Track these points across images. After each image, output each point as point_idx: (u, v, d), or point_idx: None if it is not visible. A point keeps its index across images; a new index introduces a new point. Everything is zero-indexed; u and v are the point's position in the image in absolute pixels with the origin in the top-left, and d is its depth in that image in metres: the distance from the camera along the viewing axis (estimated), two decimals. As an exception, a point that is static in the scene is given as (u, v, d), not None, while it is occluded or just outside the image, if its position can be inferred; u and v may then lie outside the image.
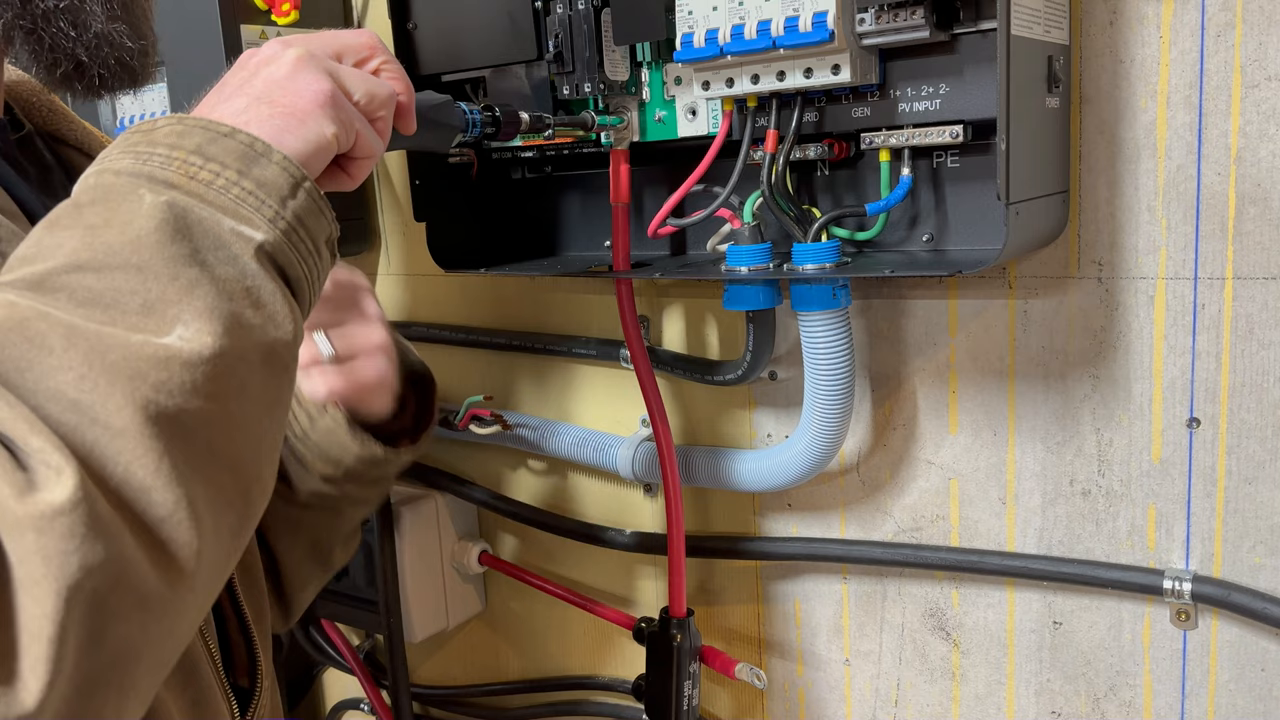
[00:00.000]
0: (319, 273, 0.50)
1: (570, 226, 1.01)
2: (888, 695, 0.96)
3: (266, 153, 0.47)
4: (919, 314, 0.87)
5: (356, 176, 0.56)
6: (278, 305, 0.46)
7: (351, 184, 0.56)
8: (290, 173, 0.48)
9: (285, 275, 0.47)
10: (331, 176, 0.54)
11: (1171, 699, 0.82)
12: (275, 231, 0.46)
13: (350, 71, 0.54)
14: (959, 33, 0.73)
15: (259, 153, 0.47)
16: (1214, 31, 0.72)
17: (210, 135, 0.46)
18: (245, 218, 0.46)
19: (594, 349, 1.03)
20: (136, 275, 0.42)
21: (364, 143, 0.54)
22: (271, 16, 1.01)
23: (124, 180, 0.45)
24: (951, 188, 0.79)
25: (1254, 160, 0.72)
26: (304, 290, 0.49)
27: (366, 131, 0.54)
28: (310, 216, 0.48)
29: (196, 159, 0.46)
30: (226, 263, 0.44)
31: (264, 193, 0.46)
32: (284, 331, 0.46)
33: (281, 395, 0.47)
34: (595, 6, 0.82)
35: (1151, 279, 0.77)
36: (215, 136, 0.46)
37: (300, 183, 0.48)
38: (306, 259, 0.48)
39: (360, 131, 0.53)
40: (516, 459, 1.15)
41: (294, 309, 0.47)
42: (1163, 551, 0.81)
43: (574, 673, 1.17)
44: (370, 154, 0.55)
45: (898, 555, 0.91)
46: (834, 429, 0.85)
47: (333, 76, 0.52)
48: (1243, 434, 0.76)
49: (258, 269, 0.45)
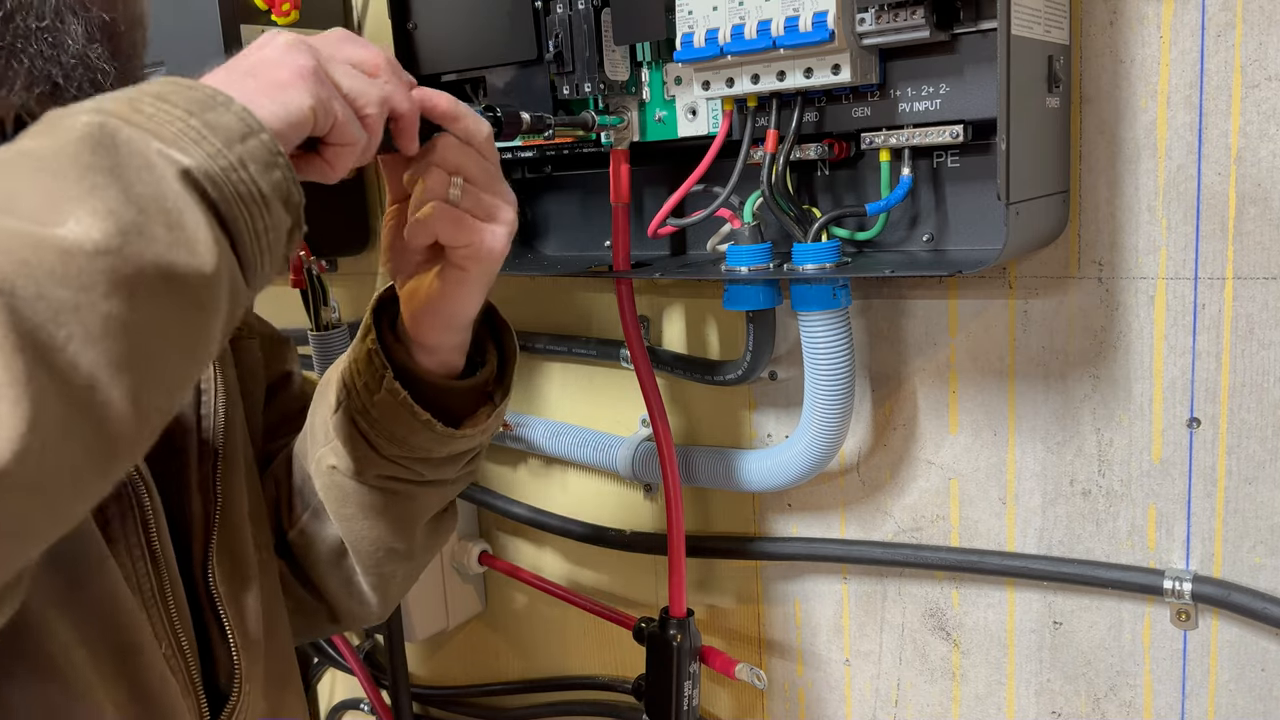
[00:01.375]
0: (266, 226, 0.47)
1: (570, 226, 1.01)
2: (888, 695, 0.96)
3: (226, 103, 0.46)
4: (919, 314, 0.87)
5: (336, 166, 0.54)
6: (199, 234, 0.43)
7: (332, 174, 0.54)
8: (247, 122, 0.46)
9: (218, 212, 0.45)
10: (310, 164, 0.53)
11: (1171, 699, 0.82)
12: (211, 164, 0.44)
13: (342, 64, 0.53)
14: (959, 33, 0.73)
15: (218, 102, 0.46)
16: (1214, 31, 0.72)
17: (176, 87, 0.46)
18: (179, 145, 0.44)
19: (594, 349, 1.03)
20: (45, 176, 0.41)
21: (343, 129, 0.52)
22: (271, 16, 1.01)
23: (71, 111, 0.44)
24: (951, 188, 0.79)
25: (1254, 160, 0.72)
26: (243, 237, 0.46)
27: (348, 118, 0.53)
28: (259, 166, 0.46)
29: (150, 99, 0.45)
30: (146, 180, 0.42)
31: (209, 130, 0.45)
32: (199, 261, 0.43)
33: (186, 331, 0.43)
34: (595, 6, 0.82)
35: (1152, 279, 0.77)
36: (180, 89, 0.46)
37: (255, 132, 0.46)
38: (249, 205, 0.46)
39: (340, 116, 0.52)
40: (516, 459, 1.15)
41: (221, 247, 0.44)
42: (1163, 551, 0.81)
43: (574, 673, 1.17)
44: (350, 142, 0.53)
45: (898, 555, 0.91)
46: (834, 429, 0.85)
47: (320, 60, 0.52)
48: (1243, 434, 0.76)
49: (181, 191, 0.43)
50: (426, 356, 0.66)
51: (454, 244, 0.61)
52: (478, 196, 0.62)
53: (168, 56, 1.01)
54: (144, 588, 0.58)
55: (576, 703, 1.16)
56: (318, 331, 1.04)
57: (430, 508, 0.73)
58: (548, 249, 1.03)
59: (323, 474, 0.70)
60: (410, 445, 0.66)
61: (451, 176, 0.60)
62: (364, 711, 1.35)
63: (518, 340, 0.74)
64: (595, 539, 1.07)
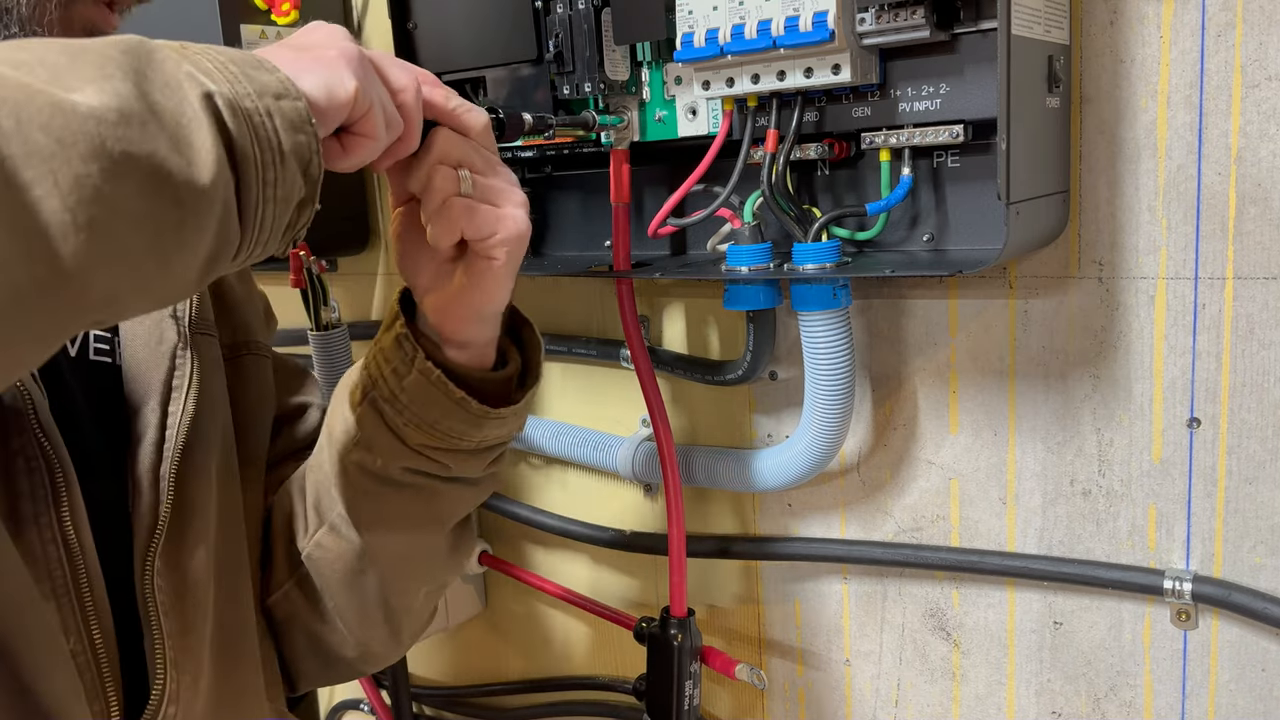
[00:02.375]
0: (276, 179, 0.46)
1: (570, 226, 1.01)
2: (888, 695, 0.96)
3: (273, 69, 0.47)
4: (919, 314, 0.87)
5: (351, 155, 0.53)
6: (203, 149, 0.42)
7: (346, 163, 0.54)
8: (287, 86, 0.46)
9: (230, 142, 0.44)
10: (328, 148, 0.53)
11: (1172, 699, 0.82)
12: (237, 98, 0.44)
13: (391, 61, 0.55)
14: (959, 32, 0.73)
15: (265, 67, 0.46)
16: (1214, 31, 0.72)
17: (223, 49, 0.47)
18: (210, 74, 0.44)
19: (594, 349, 1.03)
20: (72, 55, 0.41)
21: (373, 120, 0.52)
22: (271, 16, 1.01)
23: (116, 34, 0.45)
24: (951, 188, 0.79)
25: (1254, 160, 0.72)
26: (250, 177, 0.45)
27: (380, 109, 0.53)
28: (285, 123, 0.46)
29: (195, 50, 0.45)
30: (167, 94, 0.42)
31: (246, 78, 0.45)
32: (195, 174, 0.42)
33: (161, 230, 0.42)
34: (595, 6, 0.82)
35: (1152, 279, 0.77)
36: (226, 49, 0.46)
37: (292, 97, 0.46)
38: (264, 150, 0.45)
39: (375, 105, 0.52)
40: (516, 459, 1.15)
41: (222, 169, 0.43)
42: (1163, 551, 0.81)
43: (574, 673, 1.17)
44: (374, 135, 0.53)
45: (898, 555, 0.91)
46: (834, 429, 0.85)
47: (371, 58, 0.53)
48: (1243, 434, 0.76)
49: (199, 112, 0.43)
50: (457, 352, 0.65)
51: (479, 236, 0.60)
52: (487, 185, 0.61)
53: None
54: (54, 575, 0.55)
55: (576, 703, 1.16)
56: (318, 331, 1.03)
57: (455, 512, 0.71)
58: (548, 249, 1.03)
59: (347, 473, 0.67)
60: (441, 431, 0.64)
61: (458, 170, 0.60)
62: (364, 711, 1.35)
63: None
64: (595, 539, 1.07)
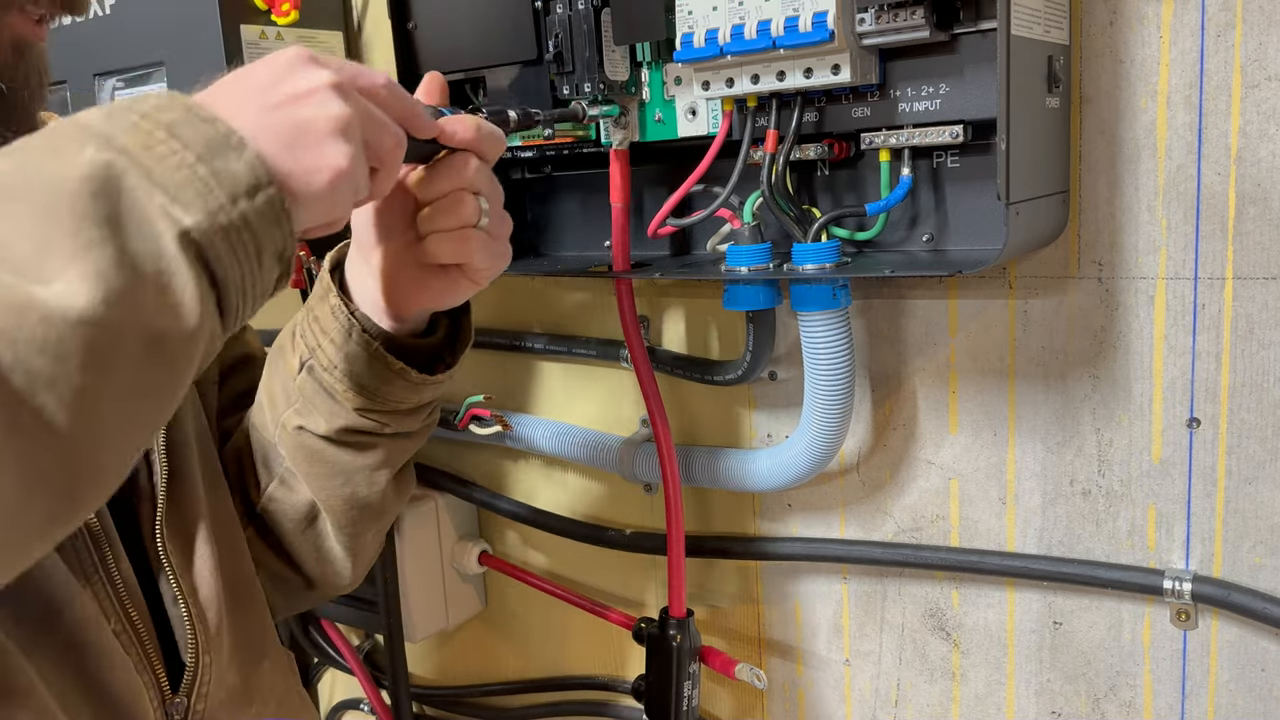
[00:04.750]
0: (255, 282, 0.47)
1: (570, 226, 1.01)
2: (888, 695, 0.96)
3: (240, 147, 0.45)
4: (919, 314, 0.87)
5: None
6: (186, 297, 0.43)
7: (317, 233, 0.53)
8: (256, 174, 0.45)
9: (211, 272, 0.44)
10: None
11: (1171, 699, 0.82)
12: (212, 223, 0.44)
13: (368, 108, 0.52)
14: (959, 33, 0.73)
15: (230, 145, 0.45)
16: (1214, 31, 0.72)
17: (190, 117, 0.45)
18: (183, 200, 0.43)
19: (594, 349, 1.03)
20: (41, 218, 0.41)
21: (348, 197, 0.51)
22: (271, 16, 1.01)
23: (81, 131, 0.43)
24: (951, 188, 0.79)
25: (1254, 160, 0.72)
26: (230, 296, 0.46)
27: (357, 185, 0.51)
28: (263, 223, 0.45)
29: (162, 133, 0.44)
30: (143, 237, 0.42)
31: (216, 182, 0.44)
32: (183, 325, 0.43)
33: (160, 390, 0.44)
34: (595, 6, 0.82)
35: (1151, 279, 0.77)
36: (195, 121, 0.45)
37: (264, 186, 0.45)
38: (243, 264, 0.45)
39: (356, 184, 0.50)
40: (516, 459, 1.15)
41: (206, 307, 0.44)
42: (1163, 551, 0.81)
43: (574, 673, 1.17)
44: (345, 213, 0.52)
45: (898, 555, 0.91)
46: (834, 429, 0.85)
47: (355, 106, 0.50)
48: (1243, 434, 0.76)
49: (176, 254, 0.42)
50: (393, 322, 0.67)
51: (479, 266, 0.63)
52: (494, 213, 0.62)
53: (167, 56, 1.01)
54: (84, 562, 0.58)
55: (576, 703, 1.16)
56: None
57: (396, 461, 0.74)
58: (548, 249, 1.03)
59: (289, 436, 0.71)
60: (380, 396, 0.67)
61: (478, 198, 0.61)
62: (364, 711, 1.35)
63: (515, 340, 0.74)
64: (595, 539, 1.07)
